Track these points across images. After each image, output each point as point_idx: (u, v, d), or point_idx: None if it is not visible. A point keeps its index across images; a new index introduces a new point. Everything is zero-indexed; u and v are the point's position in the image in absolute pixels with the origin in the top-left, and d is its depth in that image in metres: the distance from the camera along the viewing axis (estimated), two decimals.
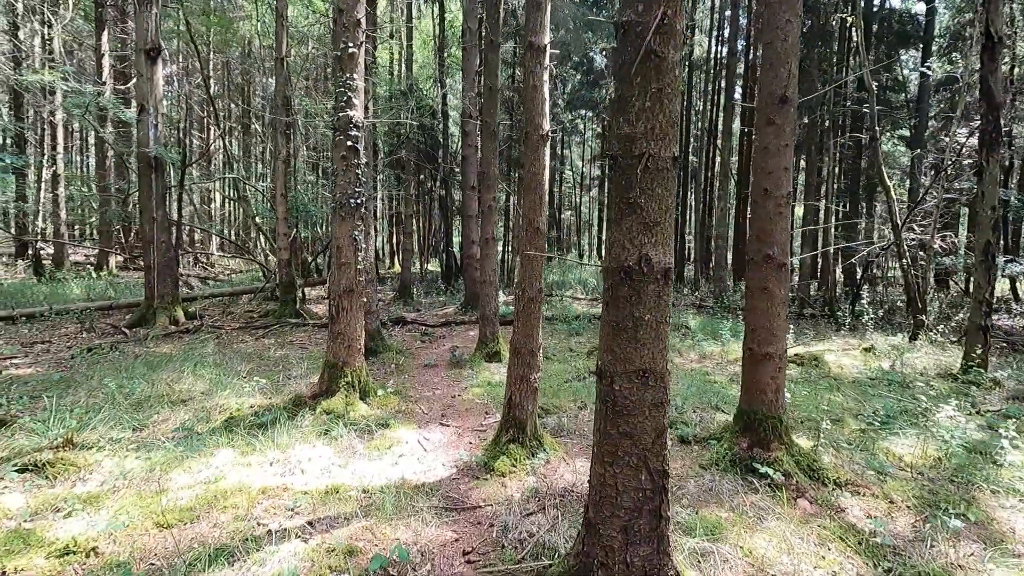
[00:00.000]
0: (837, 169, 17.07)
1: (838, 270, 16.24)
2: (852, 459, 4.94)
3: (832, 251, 15.18)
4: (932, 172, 16.00)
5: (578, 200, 35.76)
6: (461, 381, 7.21)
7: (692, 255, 27.61)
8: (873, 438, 5.55)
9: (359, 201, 5.75)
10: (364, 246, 5.91)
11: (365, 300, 6.08)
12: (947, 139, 11.81)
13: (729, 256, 19.16)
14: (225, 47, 22.23)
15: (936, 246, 11.07)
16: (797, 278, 24.56)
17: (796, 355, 9.12)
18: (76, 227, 25.06)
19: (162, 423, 5.26)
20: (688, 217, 27.75)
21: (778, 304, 4.61)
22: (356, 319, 5.85)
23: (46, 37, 13.51)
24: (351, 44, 5.62)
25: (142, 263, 9.52)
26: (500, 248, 19.69)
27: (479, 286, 8.14)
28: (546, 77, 4.50)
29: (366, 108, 7.61)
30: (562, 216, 36.44)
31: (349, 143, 5.65)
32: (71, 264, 16.39)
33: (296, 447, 4.75)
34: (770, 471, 4.31)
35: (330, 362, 5.82)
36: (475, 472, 4.46)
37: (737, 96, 21.36)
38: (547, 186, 4.64)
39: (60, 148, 15.67)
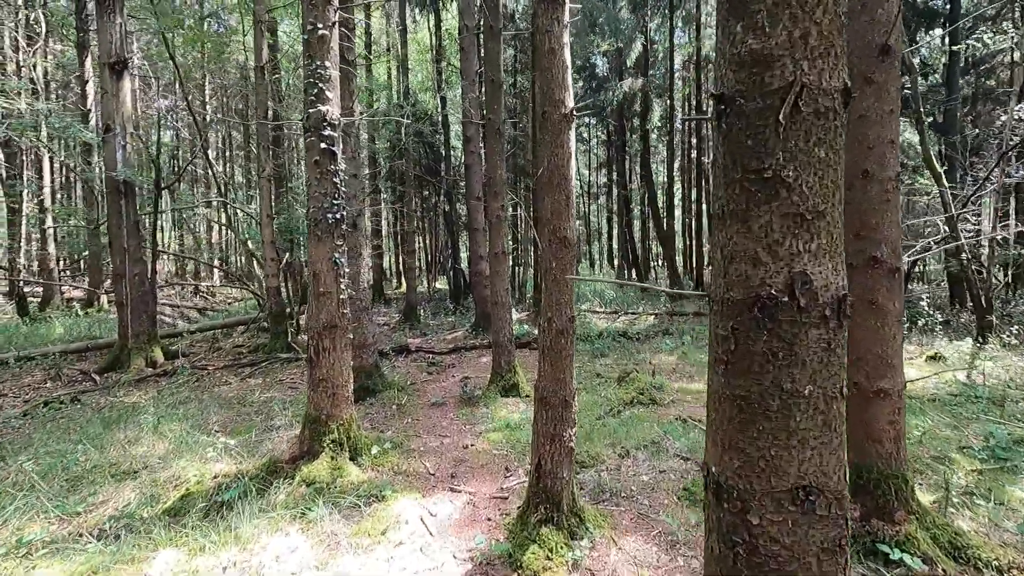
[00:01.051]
0: None
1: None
2: (994, 522, 3.69)
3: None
4: (971, 156, 14.68)
5: (587, 209, 34.66)
6: (475, 423, 6.03)
7: (686, 256, 26.23)
8: (998, 482, 4.30)
9: (338, 216, 4.63)
10: (347, 271, 4.77)
11: (351, 337, 4.94)
12: (1004, 118, 10.53)
13: None
14: (220, 70, 21.50)
15: (999, 237, 9.79)
16: None
17: None
18: (78, 261, 24.30)
19: (99, 507, 4.12)
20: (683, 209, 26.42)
21: (892, 323, 3.41)
22: (341, 361, 4.71)
23: (21, 64, 12.72)
24: (320, 24, 4.53)
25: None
26: (510, 262, 18.61)
27: (491, 308, 6.99)
28: (566, 38, 3.36)
29: (351, 109, 6.54)
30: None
31: (323, 145, 4.55)
32: (63, 301, 15.46)
33: (262, 539, 3.58)
34: (905, 557, 3.07)
35: (311, 416, 4.66)
36: (498, 570, 3.26)
37: None
38: (574, 182, 3.49)
39: (47, 180, 14.82)
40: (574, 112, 3.39)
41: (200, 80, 21.62)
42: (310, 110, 4.55)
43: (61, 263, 19.88)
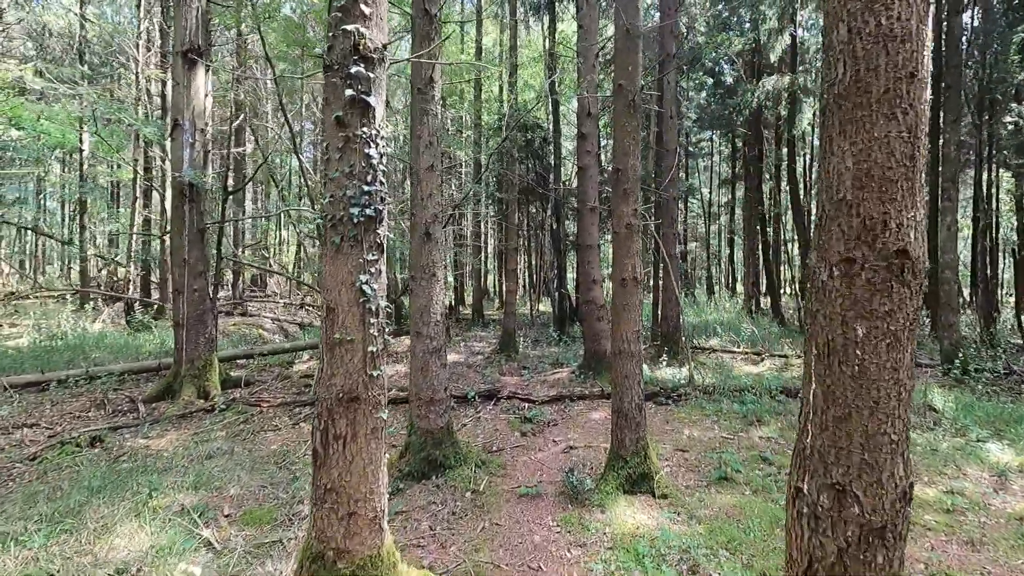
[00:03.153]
0: None
1: None
2: None
3: None
4: None
5: (706, 230, 31.13)
6: (585, 543, 3.78)
7: None
8: None
9: (370, 212, 2.69)
10: (382, 303, 2.80)
11: (384, 417, 2.94)
12: None
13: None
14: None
15: None
16: None
17: None
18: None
19: None
20: None
21: None
22: (365, 458, 2.71)
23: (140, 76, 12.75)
24: None
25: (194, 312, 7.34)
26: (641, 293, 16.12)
27: (613, 357, 4.72)
28: None
29: (431, 78, 4.69)
30: (688, 248, 31.85)
31: (350, 92, 2.64)
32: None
33: None
34: None
35: (313, 551, 2.69)
36: None
37: None
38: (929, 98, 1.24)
39: (168, 191, 14.87)
40: None
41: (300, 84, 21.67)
42: (331, 34, 2.68)
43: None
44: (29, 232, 24.03)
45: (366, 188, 2.66)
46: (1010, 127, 18.47)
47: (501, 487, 4.66)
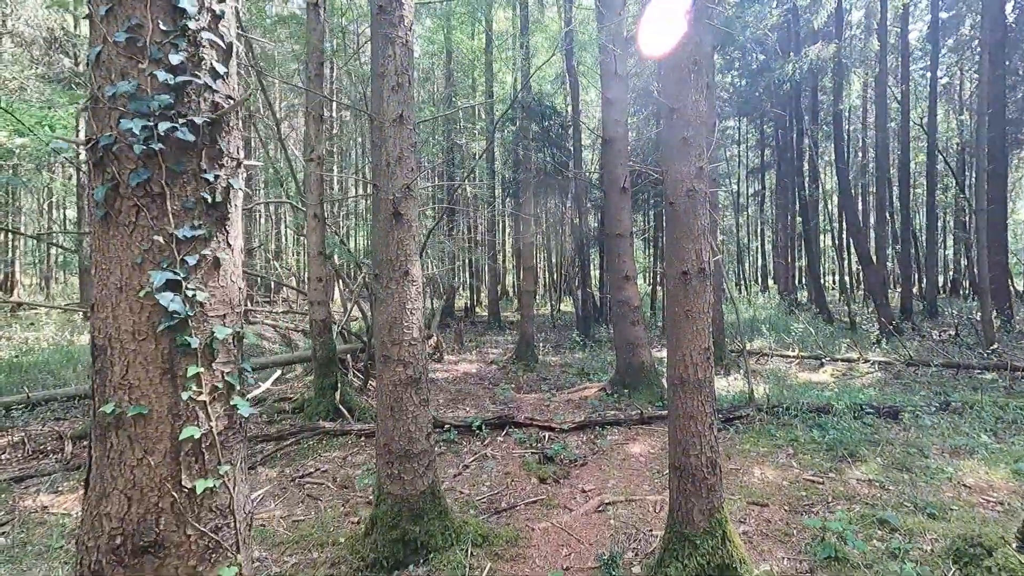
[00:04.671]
0: None
1: None
2: None
3: None
4: None
5: (735, 222, 29.11)
6: None
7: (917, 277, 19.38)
8: None
9: (177, 129, 1.21)
10: (220, 333, 1.32)
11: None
12: None
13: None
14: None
15: None
16: None
17: None
18: None
19: None
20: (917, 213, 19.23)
21: None
22: None
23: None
24: None
25: None
26: (710, 292, 14.77)
27: (671, 390, 3.14)
28: None
29: None
30: (717, 241, 29.87)
31: None
32: None
33: None
34: None
35: None
36: None
37: None
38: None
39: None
40: None
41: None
42: None
43: None
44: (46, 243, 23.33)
45: (167, 78, 1.17)
46: None
47: None
